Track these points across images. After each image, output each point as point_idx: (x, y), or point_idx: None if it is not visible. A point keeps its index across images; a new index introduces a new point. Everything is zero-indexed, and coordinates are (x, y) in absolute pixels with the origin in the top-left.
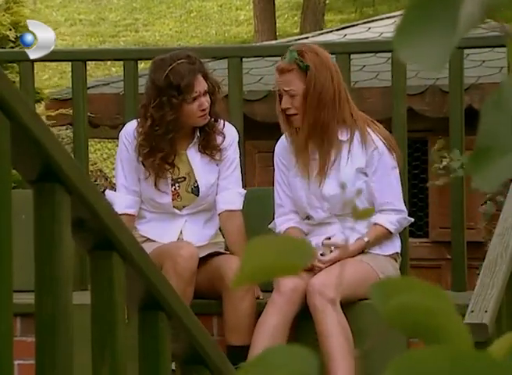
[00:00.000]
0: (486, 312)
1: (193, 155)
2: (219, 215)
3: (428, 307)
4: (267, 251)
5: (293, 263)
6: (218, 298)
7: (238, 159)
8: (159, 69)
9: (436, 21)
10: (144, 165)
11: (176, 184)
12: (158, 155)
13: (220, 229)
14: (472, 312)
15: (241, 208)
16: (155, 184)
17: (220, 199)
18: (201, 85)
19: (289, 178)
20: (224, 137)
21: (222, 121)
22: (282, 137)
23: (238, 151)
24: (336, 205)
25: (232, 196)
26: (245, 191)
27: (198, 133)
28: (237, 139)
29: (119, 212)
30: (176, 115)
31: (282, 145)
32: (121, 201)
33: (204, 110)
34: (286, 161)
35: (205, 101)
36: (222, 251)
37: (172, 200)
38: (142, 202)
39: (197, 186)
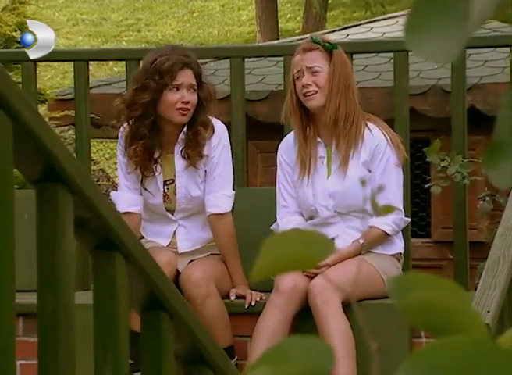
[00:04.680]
0: (489, 312)
1: (178, 160)
2: (208, 217)
3: (447, 304)
4: (286, 243)
5: (311, 256)
6: None
7: (227, 157)
8: (152, 55)
9: (448, 13)
10: (129, 158)
11: (165, 187)
12: (140, 142)
13: None
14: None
15: (229, 210)
16: (141, 183)
17: (207, 203)
18: (187, 78)
19: (294, 177)
20: (209, 144)
21: (210, 127)
22: (288, 136)
23: (227, 148)
24: (342, 202)
25: (218, 199)
26: (234, 192)
27: (183, 136)
28: (225, 135)
29: (122, 211)
30: (152, 98)
31: (287, 144)
32: (124, 200)
33: (185, 103)
34: (291, 160)
35: (190, 96)
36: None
37: (163, 201)
38: None
39: None
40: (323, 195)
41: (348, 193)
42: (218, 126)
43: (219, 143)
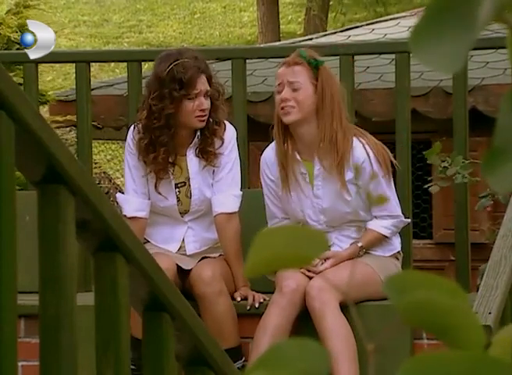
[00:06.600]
0: (490, 313)
1: (191, 161)
2: (214, 217)
3: (443, 303)
4: (278, 240)
5: (304, 254)
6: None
7: (236, 159)
8: (164, 63)
9: (454, 21)
10: (145, 162)
11: (176, 189)
12: (161, 149)
13: None
14: (476, 313)
15: (237, 210)
16: (155, 187)
17: (215, 202)
18: (204, 85)
19: (279, 192)
20: (223, 142)
21: (223, 125)
22: (267, 149)
23: (236, 149)
24: (333, 217)
25: (226, 199)
26: (241, 193)
27: (197, 138)
28: (235, 137)
29: (129, 216)
30: (175, 109)
31: (268, 158)
32: (131, 204)
33: (202, 111)
34: (273, 174)
35: (205, 102)
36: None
37: (177, 205)
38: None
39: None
40: (314, 212)
41: (338, 209)
42: (229, 126)
43: (230, 143)
